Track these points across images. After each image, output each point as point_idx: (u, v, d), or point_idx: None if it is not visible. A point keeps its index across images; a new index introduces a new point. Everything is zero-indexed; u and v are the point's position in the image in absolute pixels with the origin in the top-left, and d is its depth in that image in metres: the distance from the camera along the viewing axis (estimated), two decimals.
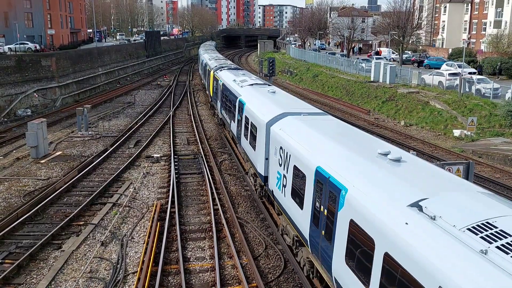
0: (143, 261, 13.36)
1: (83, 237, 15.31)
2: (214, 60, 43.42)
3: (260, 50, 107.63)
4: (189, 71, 74.53)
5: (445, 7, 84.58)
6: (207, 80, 40.81)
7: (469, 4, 79.95)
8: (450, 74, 40.75)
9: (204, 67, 46.75)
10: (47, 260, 13.90)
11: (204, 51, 61.04)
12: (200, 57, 59.71)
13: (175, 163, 23.49)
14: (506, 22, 66.65)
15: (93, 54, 57.25)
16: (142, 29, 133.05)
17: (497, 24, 68.25)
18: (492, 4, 70.86)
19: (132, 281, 12.67)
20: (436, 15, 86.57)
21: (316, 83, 56.60)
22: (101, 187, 19.77)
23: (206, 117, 37.31)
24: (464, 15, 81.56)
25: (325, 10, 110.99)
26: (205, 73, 44.63)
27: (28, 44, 58.96)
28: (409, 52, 66.49)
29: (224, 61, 43.08)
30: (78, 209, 17.33)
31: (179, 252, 14.03)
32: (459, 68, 44.14)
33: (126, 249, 14.55)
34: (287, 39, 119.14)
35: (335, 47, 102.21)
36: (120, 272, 13.14)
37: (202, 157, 24.72)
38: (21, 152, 25.97)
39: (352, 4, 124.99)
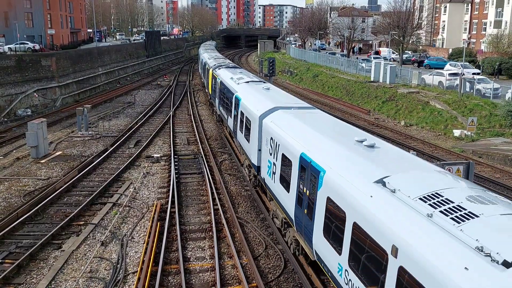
0: (143, 261, 13.36)
1: (83, 237, 15.31)
2: (213, 59, 44.12)
3: (260, 50, 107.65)
4: (189, 71, 74.53)
5: (445, 7, 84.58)
6: (206, 79, 41.62)
7: (469, 4, 79.94)
8: (450, 74, 40.75)
9: (204, 66, 47.65)
10: (47, 260, 13.89)
11: (204, 51, 61.84)
12: (200, 56, 60.53)
13: (175, 163, 23.50)
14: (506, 22, 66.66)
15: (93, 54, 57.22)
16: (142, 29, 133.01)
17: (497, 24, 68.26)
18: (492, 4, 70.85)
19: (132, 281, 12.67)
20: (436, 15, 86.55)
21: (316, 83, 56.60)
22: (101, 187, 19.77)
23: (206, 117, 37.31)
24: (464, 15, 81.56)
25: (325, 10, 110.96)
26: (205, 72, 45.52)
27: (28, 44, 58.93)
28: (409, 52, 66.46)
29: (223, 60, 43.77)
30: (78, 209, 17.33)
31: (179, 252, 14.04)
32: (463, 69, 44.23)
33: (126, 249, 14.55)
34: (287, 39, 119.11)
35: (335, 47, 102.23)
36: (120, 272, 13.14)
37: (202, 157, 24.72)
38: (21, 152, 25.98)
39: (352, 4, 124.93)
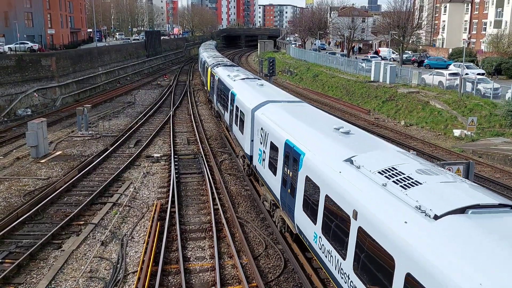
0: (143, 261, 13.36)
1: (83, 237, 15.31)
2: (212, 58, 45.47)
3: (260, 50, 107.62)
4: (189, 71, 74.51)
5: (445, 7, 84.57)
6: (206, 77, 42.90)
7: (469, 4, 79.92)
8: (450, 74, 40.74)
9: (203, 65, 48.89)
10: (47, 260, 13.89)
11: (204, 50, 63.04)
12: (200, 55, 61.58)
13: (175, 163, 23.50)
14: (506, 22, 66.64)
15: (93, 54, 57.17)
16: (142, 29, 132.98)
17: (497, 24, 68.25)
18: (492, 4, 70.85)
19: (132, 281, 12.67)
20: (436, 15, 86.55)
21: (316, 83, 56.58)
22: (101, 187, 19.76)
23: (206, 117, 37.30)
24: (464, 15, 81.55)
25: (325, 10, 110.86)
26: (204, 70, 46.84)
27: (28, 44, 58.92)
28: (409, 52, 66.43)
29: (221, 59, 45.17)
30: (78, 209, 17.33)
31: (179, 252, 14.03)
32: (467, 69, 44.33)
33: (126, 249, 14.55)
34: (287, 39, 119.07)
35: (335, 47, 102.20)
36: (120, 272, 13.14)
37: (202, 157, 24.72)
38: (21, 152, 25.98)
39: (352, 4, 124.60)
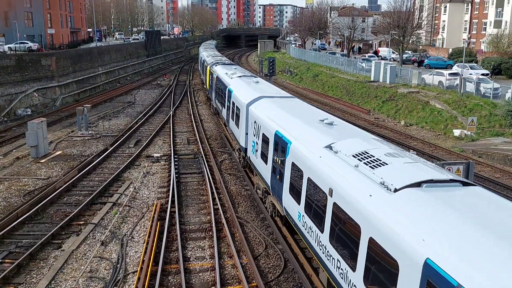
0: (143, 261, 13.35)
1: (83, 237, 15.30)
2: (211, 57, 46.45)
3: (260, 50, 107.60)
4: (189, 71, 74.48)
5: (445, 7, 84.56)
6: (205, 75, 43.97)
7: (469, 4, 79.92)
8: (450, 74, 40.72)
9: (203, 63, 50.05)
10: (47, 260, 13.88)
11: (204, 50, 63.73)
12: (200, 55, 62.30)
13: (175, 163, 23.50)
14: (506, 22, 66.64)
15: (93, 54, 57.14)
16: (142, 29, 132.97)
17: (497, 24, 68.25)
18: (492, 4, 70.84)
19: (132, 281, 12.67)
20: (436, 15, 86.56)
21: (316, 83, 56.57)
22: (101, 187, 19.75)
23: (206, 117, 37.30)
24: (464, 15, 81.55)
25: (325, 10, 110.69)
26: (203, 69, 47.97)
27: (28, 43, 58.91)
28: (409, 52, 66.43)
29: (220, 58, 46.22)
30: (78, 209, 17.32)
31: (179, 252, 14.03)
32: (471, 69, 44.36)
33: (126, 249, 14.55)
34: (287, 39, 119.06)
35: (335, 47, 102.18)
36: (120, 272, 13.14)
37: (202, 157, 24.71)
38: (21, 152, 25.97)
39: (352, 4, 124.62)
